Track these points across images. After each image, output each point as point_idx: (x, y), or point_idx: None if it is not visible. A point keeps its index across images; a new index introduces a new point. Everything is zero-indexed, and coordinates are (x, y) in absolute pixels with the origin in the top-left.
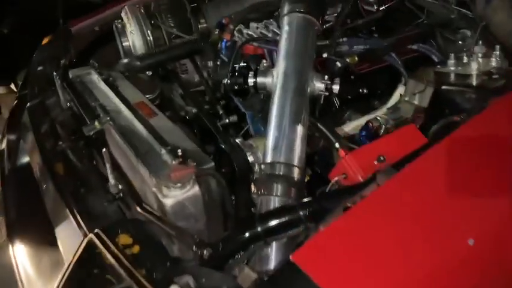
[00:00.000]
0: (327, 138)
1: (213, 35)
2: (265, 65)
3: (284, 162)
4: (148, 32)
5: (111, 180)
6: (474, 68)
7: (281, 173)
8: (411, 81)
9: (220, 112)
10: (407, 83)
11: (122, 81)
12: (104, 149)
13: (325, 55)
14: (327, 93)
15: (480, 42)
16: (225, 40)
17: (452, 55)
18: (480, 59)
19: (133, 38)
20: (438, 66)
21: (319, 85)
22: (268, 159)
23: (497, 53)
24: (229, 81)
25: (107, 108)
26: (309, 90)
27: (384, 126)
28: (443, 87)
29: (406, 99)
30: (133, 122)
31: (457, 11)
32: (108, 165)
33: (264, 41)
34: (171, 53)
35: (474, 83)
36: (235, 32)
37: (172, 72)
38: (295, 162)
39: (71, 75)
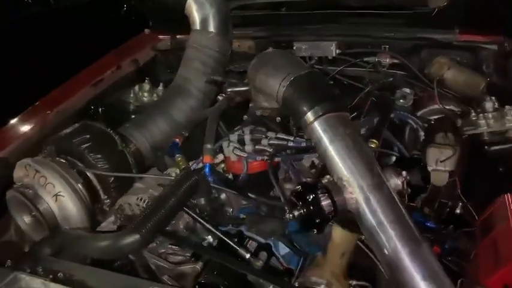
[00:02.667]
0: None
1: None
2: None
3: None
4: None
5: None
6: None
7: None
8: (432, 150)
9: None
10: (428, 151)
11: None
12: None
13: None
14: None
15: (489, 98)
16: (208, 164)
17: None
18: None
19: (63, 202)
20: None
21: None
22: None
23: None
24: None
25: None
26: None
27: None
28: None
29: (433, 168)
30: None
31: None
32: None
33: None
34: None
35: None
36: (232, 150)
37: None
38: None
39: None
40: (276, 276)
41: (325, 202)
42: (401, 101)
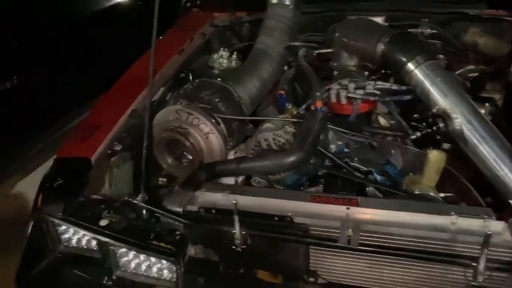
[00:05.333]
0: None
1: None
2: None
3: None
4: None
5: None
6: None
7: None
8: None
9: None
10: None
11: None
12: None
13: None
14: None
15: None
16: (320, 107)
17: None
18: None
19: (211, 140)
20: None
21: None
22: None
23: None
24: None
25: None
26: None
27: None
28: None
29: None
30: None
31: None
32: None
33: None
34: None
35: None
36: (346, 94)
37: None
38: None
39: None
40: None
41: (441, 124)
42: None
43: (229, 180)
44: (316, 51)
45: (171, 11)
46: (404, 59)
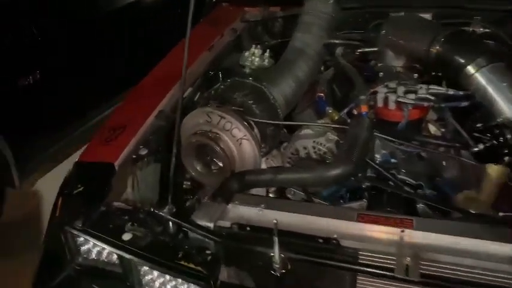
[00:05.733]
0: None
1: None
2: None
3: None
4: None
5: None
6: None
7: None
8: None
9: None
10: None
11: None
12: None
13: None
14: None
15: None
16: (365, 112)
17: None
18: None
19: (245, 146)
20: None
21: None
22: None
23: None
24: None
25: None
26: None
27: None
28: None
29: None
30: None
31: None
32: None
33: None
34: None
35: None
36: (396, 99)
37: None
38: None
39: None
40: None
41: (509, 135)
42: None
43: (260, 190)
44: (359, 50)
45: (197, 5)
46: (463, 61)
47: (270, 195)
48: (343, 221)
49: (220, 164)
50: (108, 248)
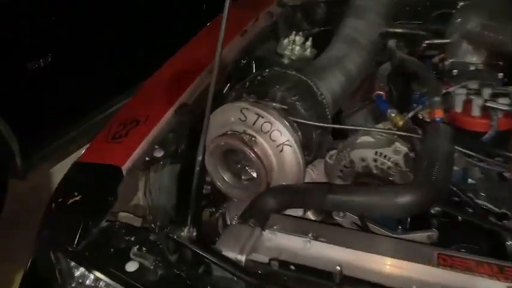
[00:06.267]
0: None
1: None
2: None
3: None
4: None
5: None
6: None
7: None
8: None
9: None
10: None
11: None
12: None
13: None
14: None
15: None
16: (441, 119)
17: None
18: None
19: (286, 153)
20: None
21: None
22: None
23: None
24: None
25: None
26: None
27: None
28: None
29: None
30: None
31: None
32: None
33: None
34: None
35: None
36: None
37: None
38: None
39: None
40: None
41: None
42: None
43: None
44: (426, 41)
45: None
46: None
47: (309, 213)
48: (420, 265)
49: (254, 175)
50: (107, 281)
